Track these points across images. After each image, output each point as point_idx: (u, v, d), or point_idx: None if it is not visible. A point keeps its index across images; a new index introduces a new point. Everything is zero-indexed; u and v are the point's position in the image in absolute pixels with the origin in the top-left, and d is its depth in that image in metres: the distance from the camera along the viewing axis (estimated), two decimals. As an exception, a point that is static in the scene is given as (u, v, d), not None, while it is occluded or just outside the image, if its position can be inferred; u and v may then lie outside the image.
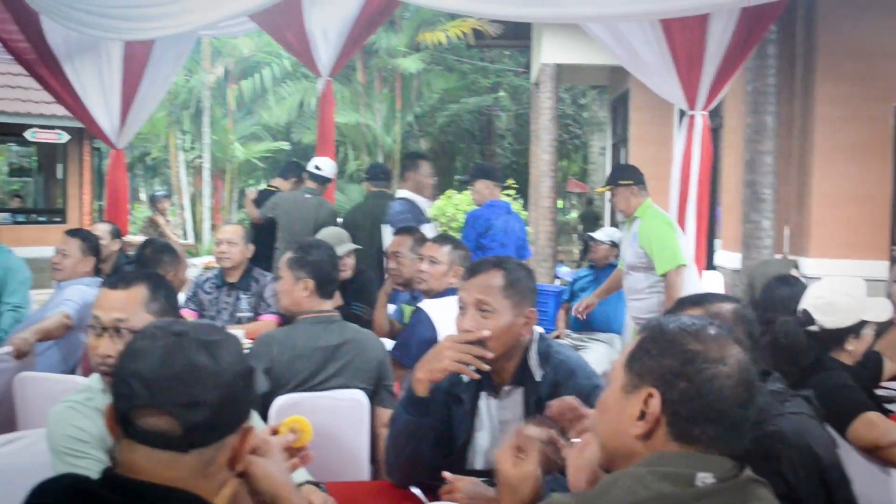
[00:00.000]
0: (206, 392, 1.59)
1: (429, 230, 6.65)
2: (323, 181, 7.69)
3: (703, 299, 2.53)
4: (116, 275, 2.75)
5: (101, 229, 6.50)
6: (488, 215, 6.92)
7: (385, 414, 3.85)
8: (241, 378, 1.66)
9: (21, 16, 7.03)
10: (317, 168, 7.69)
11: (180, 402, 1.57)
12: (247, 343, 4.46)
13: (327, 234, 5.41)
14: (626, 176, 6.01)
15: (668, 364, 1.70)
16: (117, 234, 6.68)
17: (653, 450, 1.69)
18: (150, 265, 4.94)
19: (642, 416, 1.71)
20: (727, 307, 2.47)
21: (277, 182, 8.53)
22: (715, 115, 6.83)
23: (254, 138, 22.98)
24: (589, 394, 2.58)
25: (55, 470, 2.44)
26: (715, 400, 1.67)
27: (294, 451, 2.05)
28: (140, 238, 10.41)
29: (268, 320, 5.39)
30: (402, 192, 6.95)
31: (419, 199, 6.92)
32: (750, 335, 2.42)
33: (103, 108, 7.76)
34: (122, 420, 1.59)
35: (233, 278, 5.69)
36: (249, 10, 6.38)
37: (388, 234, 6.04)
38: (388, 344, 4.72)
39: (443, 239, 4.77)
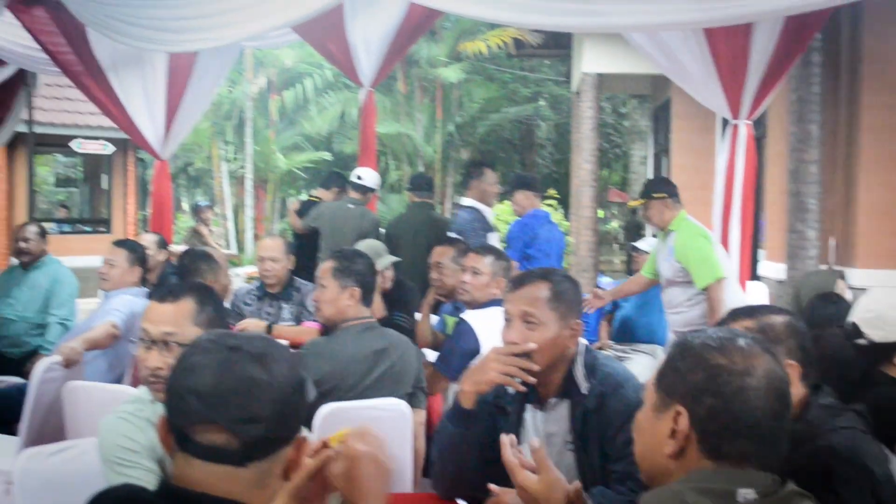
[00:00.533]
0: (262, 407, 1.59)
1: (494, 239, 6.68)
2: (365, 191, 7.72)
3: (755, 311, 2.51)
4: (164, 288, 2.78)
5: (148, 239, 6.56)
6: (533, 224, 6.94)
7: (419, 415, 3.97)
8: (294, 390, 1.66)
9: (68, 28, 7.13)
10: (358, 178, 7.73)
11: (237, 417, 1.57)
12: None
13: (364, 246, 5.42)
14: (659, 189, 5.96)
15: (693, 380, 1.69)
16: (163, 244, 6.73)
17: (686, 468, 1.68)
18: (189, 274, 4.99)
19: (673, 434, 1.70)
20: (779, 319, 2.44)
21: (319, 192, 8.58)
22: (758, 124, 6.76)
23: (296, 148, 23.14)
24: (636, 406, 2.56)
25: (107, 479, 2.47)
26: (744, 413, 1.65)
27: None
28: (184, 248, 10.53)
29: (310, 327, 5.39)
30: (466, 201, 6.93)
31: (484, 208, 6.92)
32: (802, 348, 2.39)
33: (148, 120, 7.85)
34: (179, 435, 1.60)
35: (274, 290, 5.73)
36: (292, 22, 6.43)
37: None
38: (432, 355, 4.74)
39: (485, 250, 4.77)
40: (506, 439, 2.11)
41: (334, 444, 1.77)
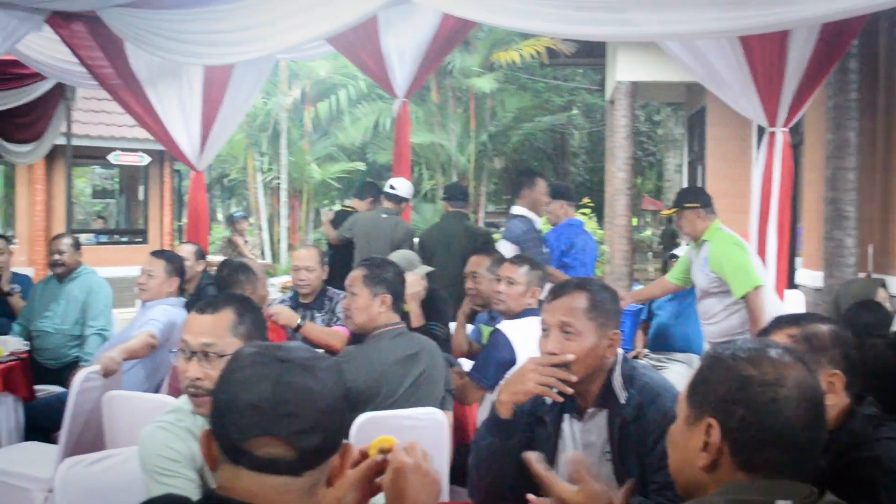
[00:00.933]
0: (318, 417, 1.60)
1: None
2: (398, 201, 7.75)
3: (800, 319, 2.49)
4: (204, 299, 2.80)
5: (186, 250, 6.60)
6: (569, 234, 6.94)
7: (448, 416, 3.98)
8: (343, 398, 1.68)
9: (106, 43, 7.20)
10: (392, 188, 7.77)
11: (297, 429, 1.58)
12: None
13: (398, 257, 5.43)
14: (691, 198, 5.92)
15: (723, 392, 1.69)
16: (201, 255, 6.76)
17: (719, 480, 1.68)
18: (227, 286, 5.01)
19: (705, 447, 1.70)
20: (824, 328, 2.42)
21: (354, 203, 8.63)
22: (795, 131, 6.71)
23: (330, 159, 23.20)
24: (674, 417, 2.55)
25: (147, 488, 2.50)
26: (776, 424, 1.64)
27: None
28: (219, 258, 10.58)
29: (339, 329, 5.35)
30: (518, 210, 6.85)
31: (535, 217, 6.89)
32: (847, 357, 2.37)
33: (184, 132, 7.90)
34: (232, 449, 1.60)
35: (308, 299, 5.75)
36: (327, 34, 6.45)
37: (508, 252, 5.99)
38: (467, 364, 4.74)
39: (520, 259, 4.76)
40: (531, 455, 2.11)
41: (373, 453, 1.79)
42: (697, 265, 5.87)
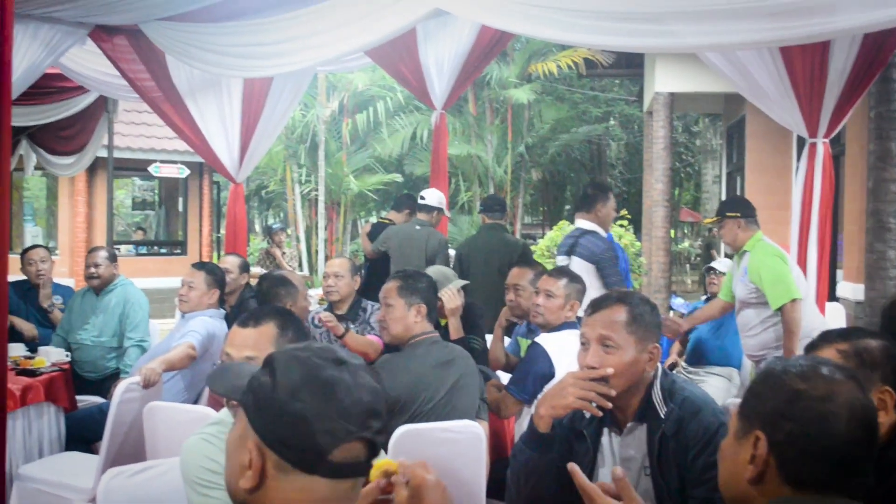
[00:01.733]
0: (384, 413, 1.61)
1: None
2: (430, 210, 7.77)
3: (849, 334, 2.46)
4: (247, 313, 2.81)
5: (230, 262, 6.58)
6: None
7: (483, 426, 3.98)
8: None
9: (148, 56, 7.30)
10: (422, 198, 7.81)
11: (377, 428, 1.58)
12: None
13: (432, 272, 5.41)
14: (733, 208, 5.85)
15: (772, 406, 1.69)
16: (246, 267, 6.71)
17: (765, 494, 1.67)
18: (267, 299, 5.03)
19: (752, 459, 1.69)
20: (874, 344, 2.38)
21: (391, 215, 8.66)
22: (836, 141, 6.65)
23: (367, 171, 23.26)
24: (715, 431, 2.53)
25: (189, 500, 2.51)
26: (824, 439, 1.63)
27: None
28: (258, 270, 10.63)
29: (375, 340, 5.34)
30: (587, 225, 6.44)
31: (603, 233, 6.70)
32: None
33: (224, 144, 7.98)
34: (313, 458, 1.53)
35: (341, 310, 5.76)
36: (366, 46, 6.49)
37: (576, 269, 5.88)
38: (505, 377, 4.73)
39: (559, 272, 4.74)
40: (575, 467, 2.09)
41: (374, 476, 1.74)
42: (737, 276, 5.81)
